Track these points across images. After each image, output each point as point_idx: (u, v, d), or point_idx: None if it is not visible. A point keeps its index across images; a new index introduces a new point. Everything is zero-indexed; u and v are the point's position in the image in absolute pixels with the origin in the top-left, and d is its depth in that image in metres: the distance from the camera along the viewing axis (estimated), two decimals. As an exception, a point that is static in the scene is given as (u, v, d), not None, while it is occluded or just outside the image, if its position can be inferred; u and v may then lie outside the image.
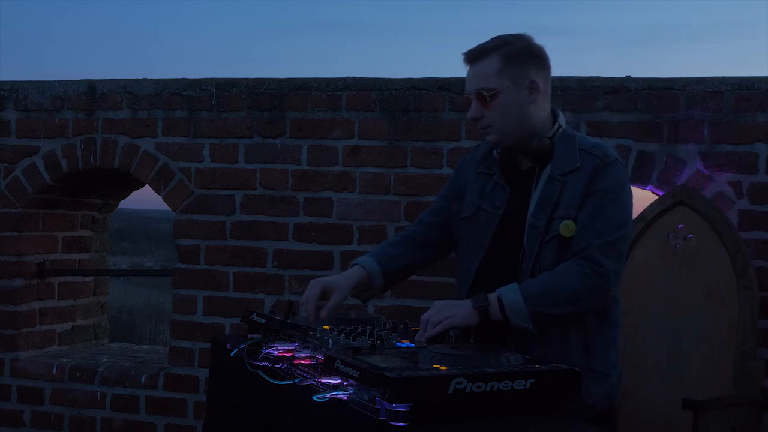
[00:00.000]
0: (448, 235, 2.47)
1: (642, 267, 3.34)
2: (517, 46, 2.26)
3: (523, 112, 2.26)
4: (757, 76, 3.48)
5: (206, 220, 3.97)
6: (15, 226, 4.15)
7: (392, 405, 1.65)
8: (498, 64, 2.24)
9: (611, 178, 2.22)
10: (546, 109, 2.31)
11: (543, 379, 1.78)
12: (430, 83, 3.75)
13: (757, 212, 3.44)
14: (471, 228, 2.36)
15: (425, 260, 2.53)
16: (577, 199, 2.21)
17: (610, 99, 3.58)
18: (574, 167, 2.23)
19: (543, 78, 2.28)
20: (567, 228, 2.19)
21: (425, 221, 2.52)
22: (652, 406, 3.24)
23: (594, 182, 2.21)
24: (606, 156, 2.24)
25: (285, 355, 2.11)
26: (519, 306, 2.13)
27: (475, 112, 2.28)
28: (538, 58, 2.29)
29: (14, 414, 4.13)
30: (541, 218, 2.22)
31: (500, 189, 2.33)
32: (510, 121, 2.25)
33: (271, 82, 3.93)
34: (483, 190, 2.36)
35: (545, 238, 2.21)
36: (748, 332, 3.15)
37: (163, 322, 14.48)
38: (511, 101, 2.24)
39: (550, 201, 2.22)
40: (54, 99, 4.13)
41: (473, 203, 2.37)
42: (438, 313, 2.17)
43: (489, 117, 2.26)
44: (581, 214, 2.20)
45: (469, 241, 2.37)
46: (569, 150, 2.27)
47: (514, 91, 2.24)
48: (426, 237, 2.49)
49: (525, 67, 2.25)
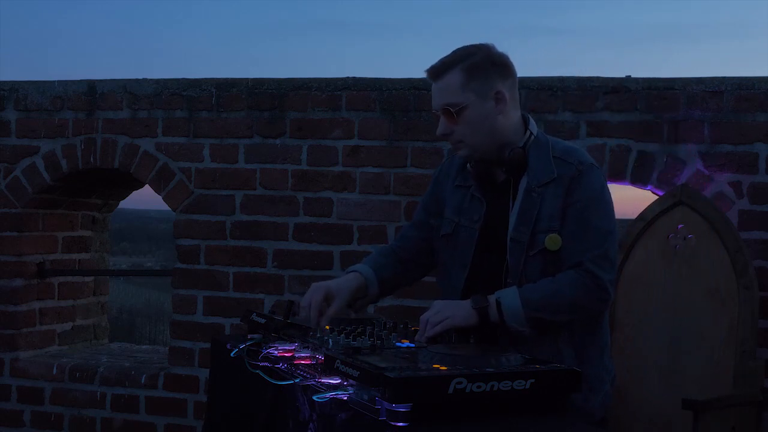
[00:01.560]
0: (429, 252, 2.46)
1: (642, 267, 3.34)
2: (479, 58, 2.24)
3: (492, 123, 2.24)
4: (757, 76, 3.48)
5: (206, 220, 3.97)
6: (15, 226, 4.15)
7: (392, 405, 1.65)
8: (461, 78, 2.22)
9: (590, 186, 2.21)
10: (515, 116, 2.29)
11: (543, 379, 1.78)
12: (430, 83, 3.75)
13: (757, 212, 3.44)
14: (451, 246, 2.35)
15: (409, 277, 2.53)
16: (558, 210, 2.20)
17: (610, 99, 3.58)
18: (551, 178, 2.22)
19: (508, 86, 2.26)
20: (553, 241, 2.19)
21: (408, 236, 2.51)
22: (652, 406, 3.24)
23: (573, 192, 2.20)
24: (581, 163, 2.23)
25: (285, 355, 2.11)
26: (517, 311, 2.14)
27: (444, 128, 2.26)
28: (502, 66, 2.26)
29: (14, 414, 4.13)
30: (523, 233, 2.21)
31: (477, 202, 2.32)
32: (480, 134, 2.24)
33: (271, 82, 3.93)
34: (461, 206, 2.35)
35: (530, 253, 2.21)
36: (748, 332, 3.15)
37: (163, 322, 14.48)
38: (479, 114, 2.23)
39: (530, 215, 2.21)
40: (54, 99, 4.13)
41: (452, 220, 2.35)
42: (438, 313, 2.17)
43: (458, 132, 2.25)
44: (566, 225, 2.19)
45: (451, 259, 2.35)
46: (543, 159, 2.25)
47: (480, 104, 2.23)
48: (409, 253, 2.49)
49: (489, 79, 2.23)
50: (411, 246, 2.49)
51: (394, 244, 2.53)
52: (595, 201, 2.21)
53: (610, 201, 2.27)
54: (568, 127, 3.58)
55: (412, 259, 2.48)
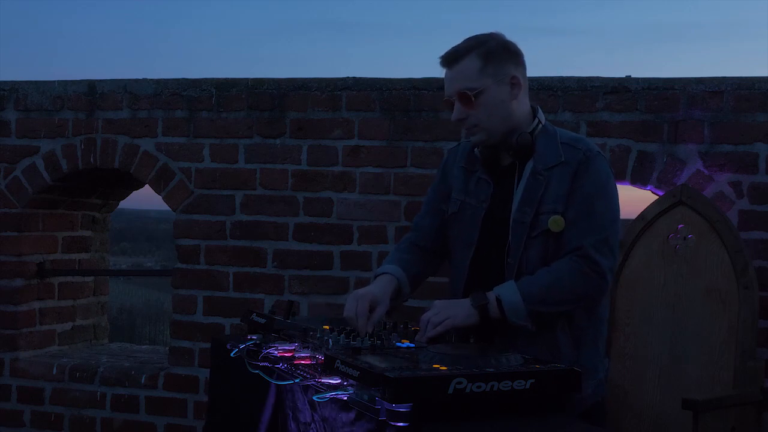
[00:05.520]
0: (445, 237, 2.45)
1: (642, 267, 3.34)
2: (494, 44, 2.26)
3: (507, 108, 2.26)
4: (757, 76, 3.48)
5: (206, 220, 3.97)
6: (15, 226, 4.15)
7: (392, 405, 1.65)
8: (478, 63, 2.23)
9: (597, 173, 2.23)
10: (526, 104, 2.32)
11: (543, 379, 1.78)
12: (430, 83, 3.75)
13: (757, 212, 3.44)
14: (458, 224, 2.36)
15: (434, 266, 2.52)
16: (563, 193, 2.21)
17: (610, 99, 3.58)
18: (558, 161, 2.23)
19: (521, 73, 2.29)
20: (556, 223, 2.20)
21: (422, 226, 2.49)
22: (652, 406, 3.24)
23: (580, 176, 2.21)
24: (589, 150, 2.25)
25: (285, 355, 2.11)
26: (518, 306, 2.14)
27: (460, 113, 2.27)
28: (515, 54, 2.29)
29: (14, 414, 4.13)
30: (526, 213, 2.22)
31: (484, 184, 2.33)
32: (495, 118, 2.25)
33: (271, 82, 3.93)
34: (467, 186, 2.36)
35: (532, 234, 2.22)
36: (748, 332, 3.15)
37: (163, 322, 14.47)
38: (495, 99, 2.24)
39: (534, 196, 2.22)
40: (54, 99, 4.13)
41: (458, 199, 2.37)
42: (438, 313, 2.17)
43: (474, 116, 2.26)
44: (570, 210, 2.20)
45: (458, 238, 2.36)
46: (551, 144, 2.27)
47: (496, 89, 2.24)
48: (427, 242, 2.47)
49: (504, 64, 2.25)
50: (428, 235, 2.47)
51: (411, 237, 2.50)
52: (601, 187, 2.22)
53: (615, 190, 2.28)
54: (568, 127, 3.58)
55: (431, 247, 2.47)
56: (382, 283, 2.34)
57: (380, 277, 2.37)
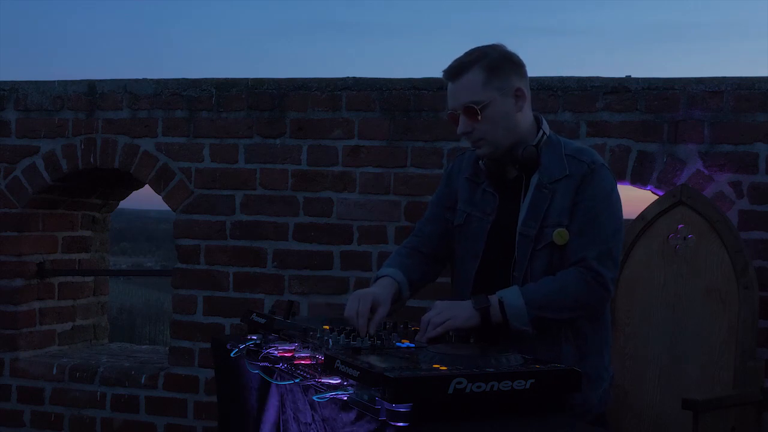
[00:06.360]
0: (447, 245, 2.45)
1: (642, 267, 3.34)
2: (497, 56, 2.25)
3: (512, 120, 2.26)
4: (757, 76, 3.48)
5: (206, 220, 3.97)
6: (15, 226, 4.15)
7: (392, 405, 1.65)
8: (482, 76, 2.23)
9: (601, 185, 2.23)
10: (530, 115, 2.31)
11: (543, 379, 1.78)
12: (430, 83, 3.75)
13: (757, 212, 3.43)
14: (463, 236, 2.36)
15: (435, 273, 2.51)
16: (568, 206, 2.21)
17: (610, 99, 3.58)
18: (563, 175, 2.24)
19: (525, 84, 2.29)
20: (560, 236, 2.21)
21: (425, 232, 2.49)
22: (652, 406, 3.24)
23: (584, 189, 2.22)
24: (593, 162, 2.25)
25: (285, 355, 2.11)
26: (520, 310, 2.15)
27: (465, 126, 2.26)
28: (518, 65, 2.28)
29: (14, 414, 4.13)
30: (531, 227, 2.23)
31: (489, 196, 2.33)
32: (501, 131, 2.25)
33: (271, 82, 3.92)
34: (472, 198, 2.36)
35: (537, 247, 2.22)
36: (748, 332, 3.15)
37: (163, 322, 14.47)
38: (500, 111, 2.24)
39: (540, 210, 2.23)
40: (54, 99, 4.13)
41: (464, 211, 2.37)
42: (440, 314, 2.17)
43: (480, 130, 2.25)
44: (574, 222, 2.21)
45: (464, 249, 2.36)
46: (556, 157, 2.27)
47: (501, 102, 2.24)
48: (429, 248, 2.47)
49: (508, 76, 2.25)
50: (429, 241, 2.47)
51: (413, 242, 2.50)
52: (605, 200, 2.23)
53: (619, 202, 2.29)
54: (568, 127, 3.58)
55: (433, 253, 2.47)
56: (384, 285, 2.34)
57: (381, 279, 2.37)
